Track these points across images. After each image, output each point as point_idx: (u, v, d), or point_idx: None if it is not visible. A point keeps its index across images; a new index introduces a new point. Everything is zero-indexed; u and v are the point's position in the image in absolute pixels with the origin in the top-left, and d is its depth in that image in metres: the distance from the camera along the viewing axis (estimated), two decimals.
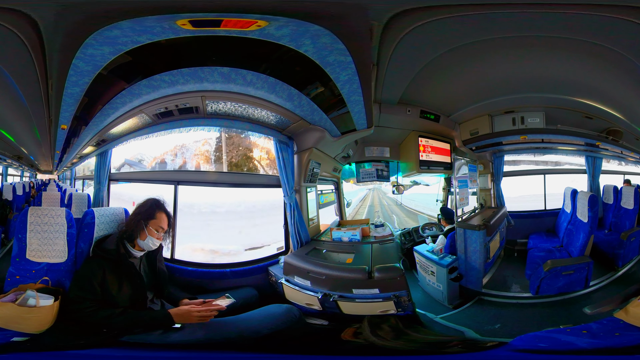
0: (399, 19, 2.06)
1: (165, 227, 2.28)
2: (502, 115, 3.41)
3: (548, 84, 3.03)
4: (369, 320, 2.43)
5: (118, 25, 1.81)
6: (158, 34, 1.93)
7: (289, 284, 2.73)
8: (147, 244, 2.23)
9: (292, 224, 3.05)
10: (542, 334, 2.04)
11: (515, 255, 3.58)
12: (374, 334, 2.30)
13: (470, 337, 2.51)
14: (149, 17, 1.78)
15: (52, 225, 2.22)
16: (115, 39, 1.90)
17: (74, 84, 2.16)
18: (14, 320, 1.93)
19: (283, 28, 1.93)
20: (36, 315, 1.95)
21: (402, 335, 2.36)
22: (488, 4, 2.06)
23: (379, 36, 2.16)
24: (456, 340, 2.43)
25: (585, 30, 2.23)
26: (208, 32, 2.02)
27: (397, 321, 2.47)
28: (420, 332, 2.47)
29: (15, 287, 2.13)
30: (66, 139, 2.77)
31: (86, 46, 1.90)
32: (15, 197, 3.57)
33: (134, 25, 1.82)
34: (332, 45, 2.03)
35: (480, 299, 3.03)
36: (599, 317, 2.04)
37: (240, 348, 2.01)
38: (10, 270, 2.18)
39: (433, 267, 3.10)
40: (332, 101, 2.61)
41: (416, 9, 2.03)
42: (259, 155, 3.54)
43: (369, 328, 2.35)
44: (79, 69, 2.05)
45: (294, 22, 1.89)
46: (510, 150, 3.71)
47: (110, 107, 2.49)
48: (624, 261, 3.06)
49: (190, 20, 1.85)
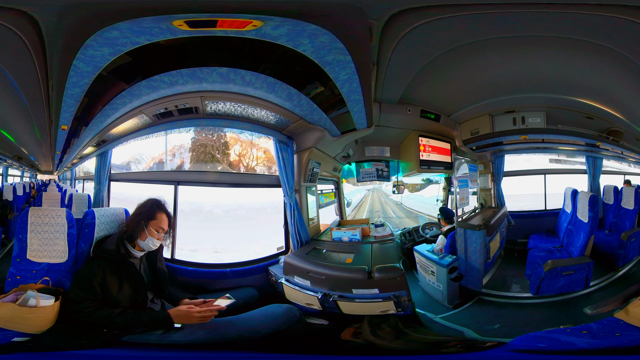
0: (399, 17, 2.04)
1: (166, 228, 2.27)
2: (503, 115, 3.39)
3: (549, 84, 3.01)
4: (369, 320, 2.42)
5: (117, 27, 1.80)
6: (156, 35, 1.92)
7: (289, 283, 2.72)
8: (147, 244, 2.22)
9: (292, 223, 3.04)
10: (542, 334, 2.03)
11: (516, 255, 3.57)
12: (373, 334, 2.30)
13: (470, 337, 2.50)
14: (146, 17, 1.78)
15: (52, 226, 2.22)
16: (114, 40, 1.89)
17: (75, 85, 2.15)
18: (15, 321, 1.92)
19: (279, 28, 1.92)
20: (37, 315, 1.95)
21: (402, 335, 2.35)
22: (489, 4, 2.04)
23: (379, 35, 2.14)
24: (455, 341, 2.42)
25: (586, 30, 2.21)
26: (205, 33, 2.01)
27: (397, 321, 2.47)
28: (419, 332, 2.46)
29: (16, 287, 2.12)
30: (66, 140, 2.77)
31: (86, 47, 1.90)
32: (16, 198, 3.58)
33: (132, 26, 1.82)
34: (331, 44, 2.01)
35: (480, 299, 3.02)
36: (599, 317, 2.03)
37: (241, 348, 2.01)
38: (10, 270, 2.18)
39: (433, 267, 3.09)
40: (331, 101, 2.60)
41: (417, 7, 2.01)
42: (239, 152, 3.52)
43: (369, 328, 2.35)
44: (79, 69, 2.04)
45: (290, 22, 1.87)
46: (510, 150, 3.69)
47: (110, 107, 2.48)
48: (624, 261, 3.05)
49: (186, 20, 1.84)
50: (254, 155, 3.54)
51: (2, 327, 1.91)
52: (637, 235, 3.11)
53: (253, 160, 3.54)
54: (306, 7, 1.87)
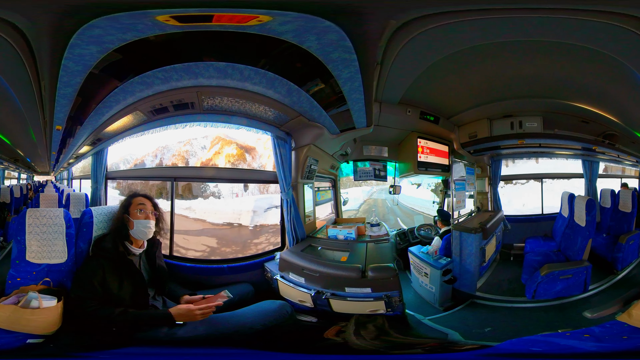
0: (414, 20, 1.97)
1: (147, 205, 2.22)
2: (501, 119, 3.34)
3: (546, 89, 2.97)
4: (356, 320, 2.37)
5: (96, 24, 1.70)
6: (143, 31, 1.81)
7: (284, 280, 2.64)
8: (138, 230, 2.15)
9: (289, 220, 2.95)
10: (538, 337, 1.93)
11: (512, 259, 3.48)
12: (356, 333, 2.24)
13: (452, 339, 2.42)
14: (122, 14, 1.66)
15: (50, 226, 2.16)
16: (99, 37, 1.79)
17: (66, 85, 2.08)
18: (19, 323, 1.86)
19: (288, 23, 1.82)
20: (41, 316, 1.89)
21: (384, 335, 2.29)
22: (491, 9, 1.98)
23: (388, 36, 2.05)
24: (434, 342, 2.37)
25: (582, 36, 2.17)
26: (198, 28, 1.90)
27: (384, 321, 2.40)
28: (402, 333, 2.40)
29: (17, 289, 2.06)
30: (62, 140, 2.71)
31: (73, 46, 1.81)
32: (13, 200, 3.52)
33: (111, 23, 1.71)
34: (338, 42, 1.93)
35: (473, 302, 2.94)
36: (599, 321, 1.93)
37: (236, 343, 1.98)
38: (10, 272, 2.12)
39: (427, 269, 3.00)
40: (332, 98, 2.52)
41: (443, 12, 1.93)
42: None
43: (354, 327, 2.29)
44: (69, 69, 1.96)
45: (303, 18, 1.77)
46: (508, 155, 3.63)
47: (104, 105, 2.41)
48: (623, 264, 2.97)
49: (173, 16, 1.73)
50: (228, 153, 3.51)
51: (8, 330, 1.84)
52: (636, 238, 3.04)
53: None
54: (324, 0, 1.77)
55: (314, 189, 3.42)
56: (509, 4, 1.95)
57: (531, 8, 1.99)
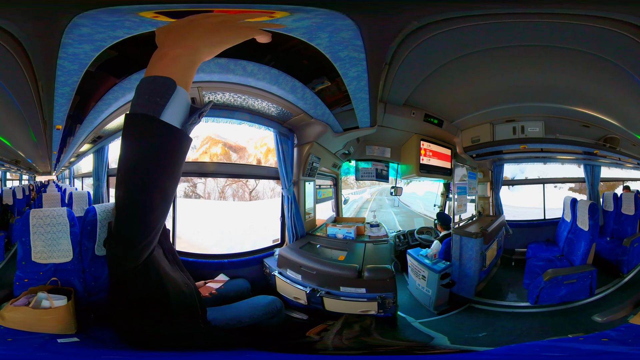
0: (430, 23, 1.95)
1: None
2: (504, 123, 3.29)
3: (548, 93, 2.93)
4: (345, 319, 2.32)
5: (79, 23, 1.65)
6: (134, 28, 1.75)
7: (281, 276, 2.59)
8: None
9: (289, 216, 2.91)
10: (546, 343, 1.82)
11: (513, 264, 3.39)
12: (338, 332, 2.18)
13: (436, 344, 2.36)
14: (101, 9, 1.60)
15: (54, 226, 2.13)
16: (89, 36, 1.74)
17: (64, 84, 2.04)
18: (34, 323, 1.82)
19: (303, 20, 1.74)
20: (54, 316, 1.85)
21: (365, 336, 2.23)
22: (498, 14, 1.97)
23: (403, 37, 2.02)
24: (416, 345, 2.32)
25: (584, 42, 2.18)
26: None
27: (371, 322, 2.35)
28: (385, 335, 2.33)
29: (26, 290, 2.03)
30: (62, 139, 2.67)
31: (65, 46, 1.77)
32: (16, 201, 3.46)
33: (95, 21, 1.66)
34: (350, 40, 1.87)
35: (470, 306, 2.86)
36: (610, 324, 1.84)
37: (226, 333, 1.92)
38: (17, 274, 2.08)
39: (425, 272, 2.93)
40: (336, 97, 2.48)
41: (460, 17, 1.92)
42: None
43: (339, 327, 2.24)
44: (65, 68, 1.92)
45: (323, 13, 1.69)
46: (510, 160, 3.57)
47: (103, 103, 2.37)
48: (628, 267, 2.88)
49: (159, 12, 1.65)
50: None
51: (26, 331, 1.78)
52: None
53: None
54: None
55: (316, 186, 3.36)
56: (514, 8, 1.94)
57: (536, 13, 1.99)
